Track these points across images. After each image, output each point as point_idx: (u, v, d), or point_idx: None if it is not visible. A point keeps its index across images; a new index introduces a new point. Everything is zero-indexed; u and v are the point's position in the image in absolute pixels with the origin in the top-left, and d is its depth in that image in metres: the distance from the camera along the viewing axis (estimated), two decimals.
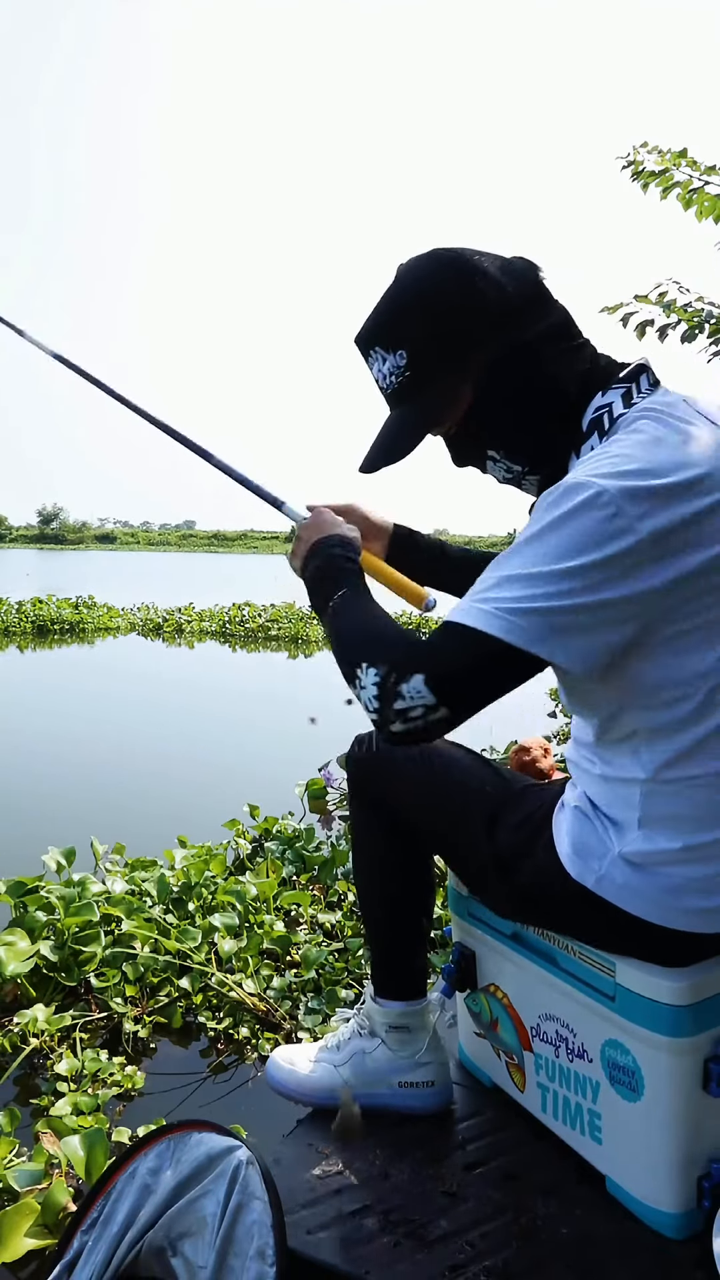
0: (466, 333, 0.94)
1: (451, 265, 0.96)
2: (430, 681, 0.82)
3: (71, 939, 2.23)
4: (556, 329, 0.96)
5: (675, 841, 0.91)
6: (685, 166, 2.69)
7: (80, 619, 12.38)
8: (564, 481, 0.84)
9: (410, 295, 0.97)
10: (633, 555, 0.80)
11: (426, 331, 0.96)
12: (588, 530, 0.80)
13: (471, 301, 0.94)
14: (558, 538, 0.81)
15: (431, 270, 0.97)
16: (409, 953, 1.26)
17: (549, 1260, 1.00)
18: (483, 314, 0.94)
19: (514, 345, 0.94)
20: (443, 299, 0.95)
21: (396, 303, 0.98)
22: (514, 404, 0.97)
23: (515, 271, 0.96)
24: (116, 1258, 1.01)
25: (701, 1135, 1.00)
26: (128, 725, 5.99)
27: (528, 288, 0.96)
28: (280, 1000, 2.17)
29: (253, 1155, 1.02)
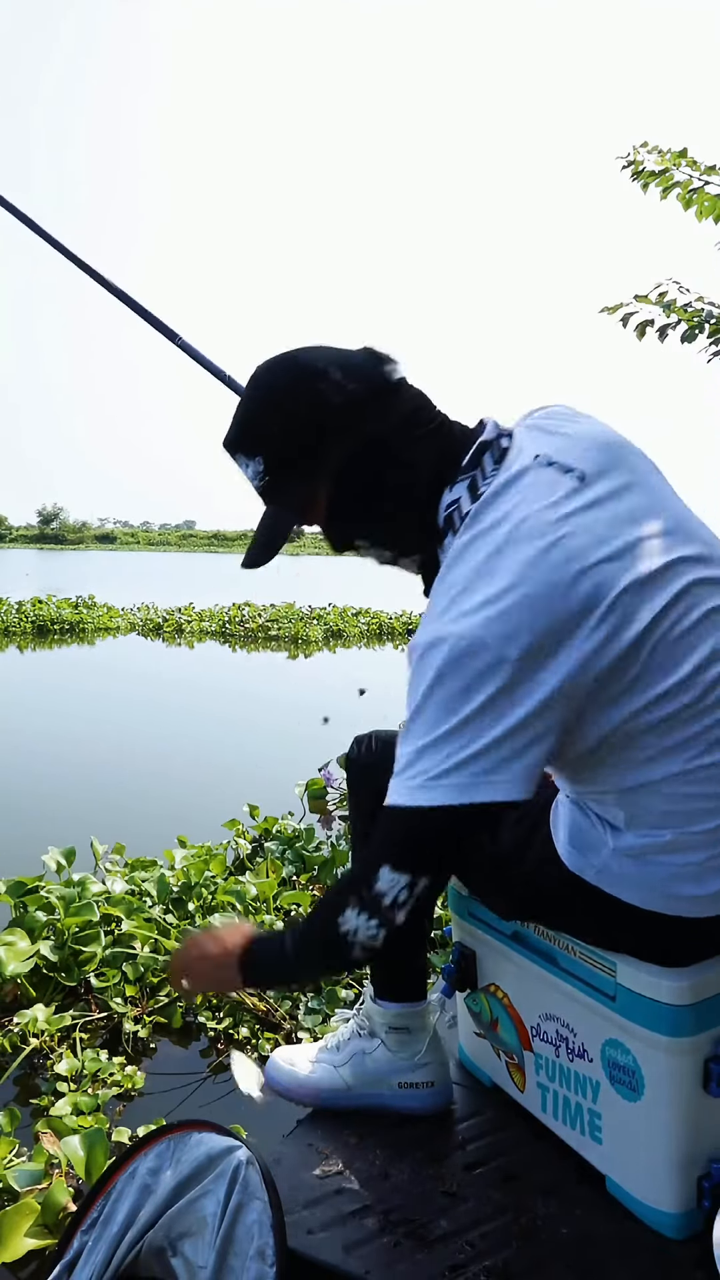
0: (314, 437, 0.98)
1: (293, 372, 0.99)
2: (394, 865, 0.89)
3: (71, 939, 2.23)
4: (406, 420, 0.99)
5: (665, 834, 0.91)
6: (685, 166, 2.69)
7: (80, 619, 12.38)
8: (423, 639, 0.87)
9: (258, 404, 1.01)
10: (513, 681, 0.83)
11: (276, 438, 1.00)
12: (462, 681, 0.84)
13: (315, 406, 0.97)
14: (441, 697, 0.85)
15: (276, 378, 1.00)
16: (408, 955, 1.26)
17: (549, 1260, 1.00)
18: (327, 417, 0.97)
19: (362, 444, 0.98)
20: (287, 406, 0.98)
21: (248, 411, 1.02)
22: (367, 500, 1.01)
23: (358, 369, 0.98)
24: (116, 1258, 1.01)
25: (701, 1135, 1.00)
26: (128, 725, 5.99)
27: (372, 383, 0.98)
28: (280, 1000, 2.17)
29: (253, 1155, 1.02)
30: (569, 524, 0.88)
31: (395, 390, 0.99)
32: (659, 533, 0.92)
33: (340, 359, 0.99)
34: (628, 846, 0.94)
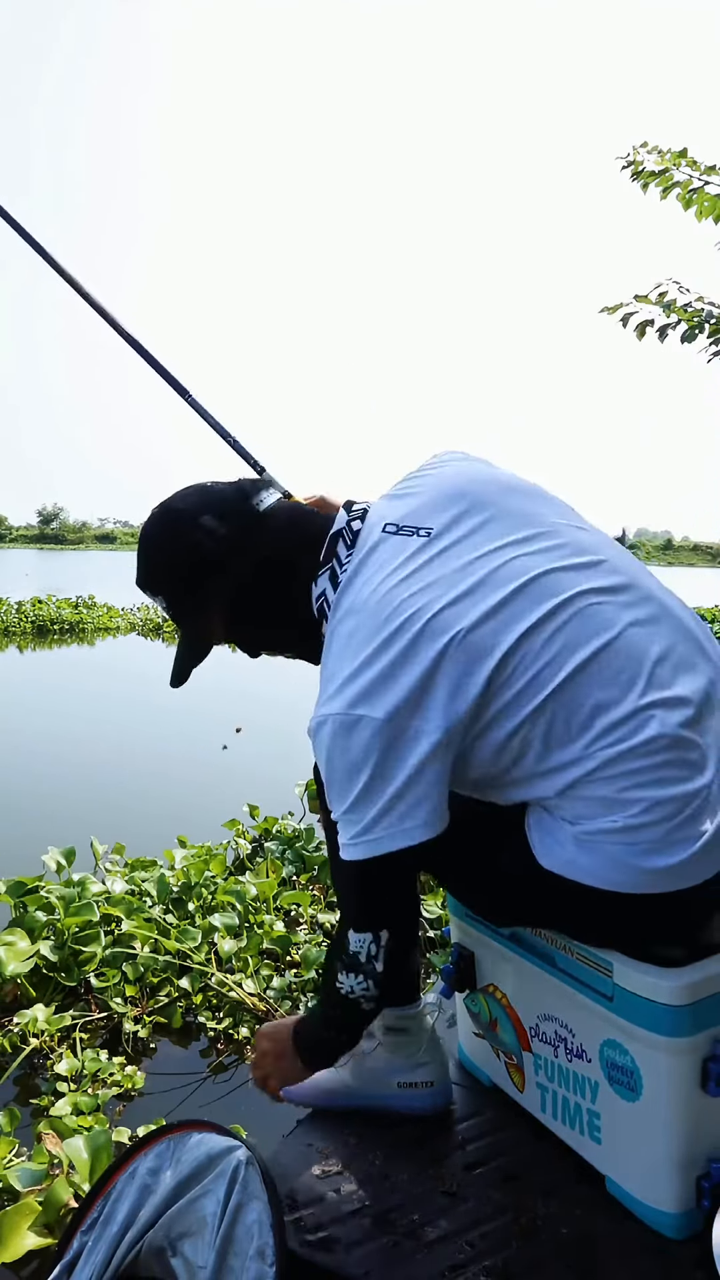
0: (195, 579, 1.09)
1: (169, 526, 1.10)
2: (355, 927, 1.00)
3: (71, 939, 2.23)
4: (276, 540, 1.09)
5: (617, 821, 0.94)
6: (685, 166, 2.69)
7: (80, 619, 12.38)
8: (312, 724, 0.97)
9: (146, 555, 1.12)
10: (392, 741, 0.92)
11: (165, 583, 1.11)
12: (346, 754, 0.94)
13: (191, 555, 1.07)
14: (339, 770, 0.95)
15: (155, 533, 1.11)
16: (400, 960, 1.25)
17: (549, 1260, 1.00)
18: (202, 562, 1.07)
19: (239, 575, 1.08)
20: (167, 558, 1.10)
21: (141, 560, 1.13)
22: (256, 618, 1.12)
23: (228, 510, 1.09)
24: (116, 1258, 1.01)
25: (700, 1135, 1.00)
26: (128, 725, 5.99)
27: (242, 519, 1.08)
28: (280, 1000, 2.17)
29: (252, 1155, 1.02)
30: (414, 582, 0.97)
31: (263, 517, 1.09)
32: (523, 554, 0.98)
33: (212, 502, 1.09)
34: (584, 834, 0.96)
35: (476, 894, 1.15)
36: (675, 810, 0.93)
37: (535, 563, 0.97)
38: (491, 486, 1.06)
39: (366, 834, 0.94)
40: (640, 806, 0.93)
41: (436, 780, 0.95)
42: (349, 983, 1.01)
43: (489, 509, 1.03)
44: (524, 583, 0.96)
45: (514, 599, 0.95)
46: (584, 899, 0.98)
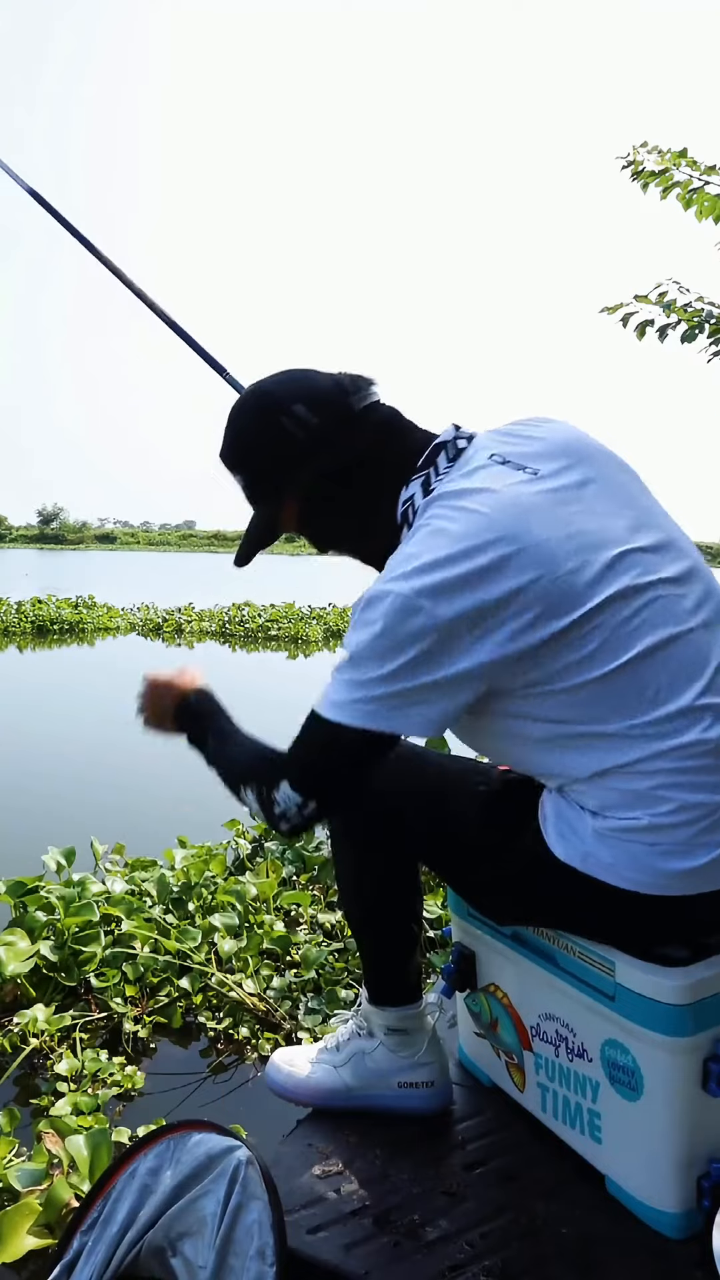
0: (276, 465, 1.07)
1: (261, 407, 1.08)
2: (294, 785, 0.99)
3: (71, 939, 2.23)
4: (369, 442, 1.06)
5: (642, 819, 0.94)
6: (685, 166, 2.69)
7: (80, 619, 12.38)
8: (366, 592, 0.95)
9: (232, 432, 1.11)
10: (439, 643, 0.90)
11: (247, 463, 1.11)
12: (391, 634, 0.91)
13: (277, 441, 1.06)
14: (374, 643, 0.92)
15: (244, 411, 1.10)
16: (401, 960, 1.25)
17: (549, 1260, 1.00)
18: (288, 448, 1.05)
19: (323, 470, 1.07)
20: (254, 439, 1.08)
21: (228, 435, 1.12)
22: (331, 514, 1.11)
23: (324, 401, 1.05)
24: (116, 1258, 1.01)
25: (701, 1135, 1.00)
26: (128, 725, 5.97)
27: (335, 415, 1.05)
28: (280, 1000, 2.17)
29: (252, 1155, 1.02)
30: (516, 507, 0.94)
31: (359, 417, 1.06)
32: (615, 526, 0.97)
33: (308, 392, 1.06)
34: (605, 827, 0.96)
35: (481, 889, 1.14)
36: (702, 815, 0.93)
37: (628, 537, 0.96)
38: (600, 455, 1.05)
39: (366, 704, 0.93)
40: (670, 806, 0.92)
41: (457, 696, 0.93)
42: (251, 802, 1.04)
43: (595, 473, 1.01)
44: (620, 553, 0.94)
45: (609, 562, 0.93)
46: (596, 895, 0.98)
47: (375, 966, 1.26)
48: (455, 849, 1.13)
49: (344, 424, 1.05)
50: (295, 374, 1.09)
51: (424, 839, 1.17)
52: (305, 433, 1.05)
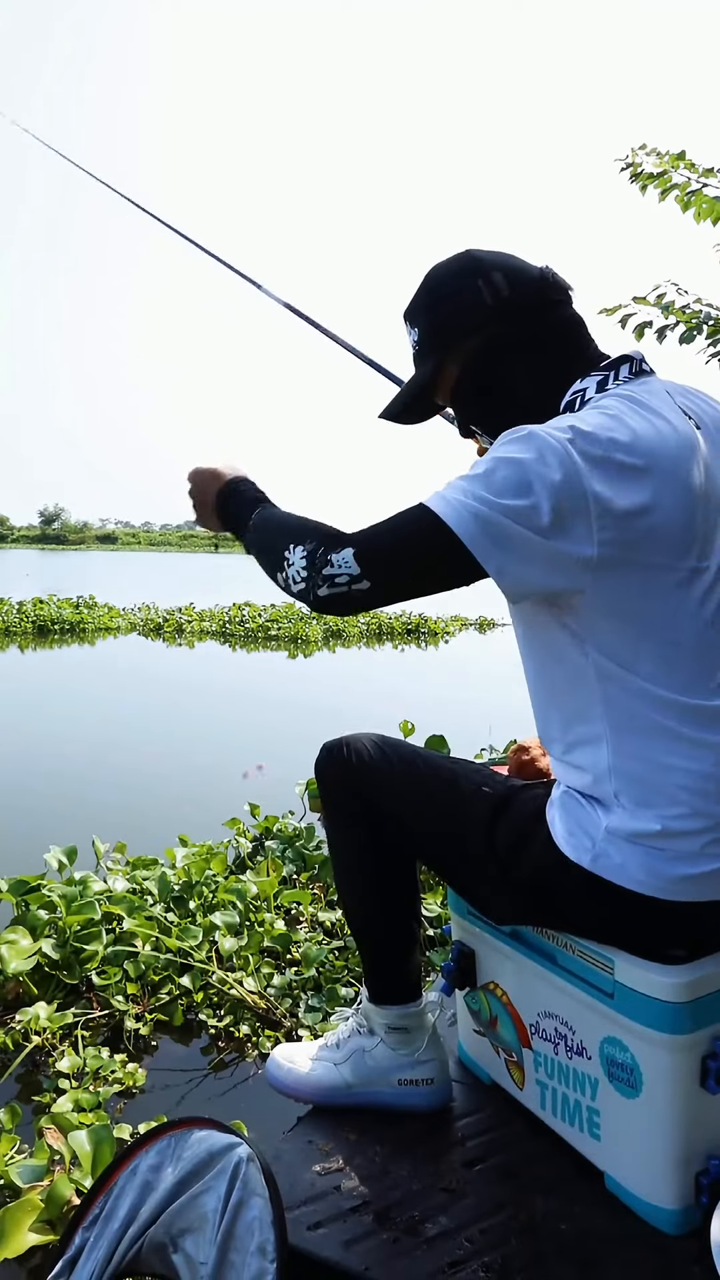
0: (455, 319, 1.07)
1: (462, 265, 1.08)
2: (359, 555, 0.93)
3: (73, 937, 2.24)
4: (550, 334, 1.05)
5: (655, 823, 0.94)
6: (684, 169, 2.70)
7: (81, 619, 12.39)
8: (525, 427, 0.92)
9: (425, 283, 1.11)
10: (565, 508, 0.87)
11: (429, 312, 1.10)
12: (529, 471, 0.88)
13: (466, 298, 1.06)
14: (505, 470, 0.89)
15: (446, 266, 1.10)
16: (400, 959, 1.26)
17: (548, 1256, 1.01)
18: (474, 311, 1.05)
19: (497, 345, 1.06)
20: (443, 292, 1.08)
21: (420, 287, 1.12)
22: (487, 393, 1.09)
23: (522, 280, 1.05)
24: (118, 1254, 1.02)
25: (699, 1132, 1.00)
26: (129, 724, 5.99)
27: (530, 294, 1.05)
28: (281, 998, 2.18)
29: (253, 1152, 1.02)
30: (681, 446, 0.93)
31: (547, 308, 1.05)
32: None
33: (511, 267, 1.06)
34: (618, 827, 0.96)
35: (485, 890, 1.14)
36: (714, 825, 0.93)
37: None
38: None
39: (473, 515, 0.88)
40: (684, 810, 0.93)
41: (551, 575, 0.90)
42: (295, 562, 0.97)
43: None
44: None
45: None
46: (604, 896, 0.98)
47: (375, 965, 1.26)
48: (459, 851, 1.13)
49: (533, 306, 1.04)
50: (506, 253, 1.09)
51: (426, 840, 1.18)
52: (495, 299, 1.04)
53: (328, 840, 1.28)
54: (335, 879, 1.31)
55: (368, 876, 1.23)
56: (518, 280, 1.05)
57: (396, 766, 1.19)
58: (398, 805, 1.18)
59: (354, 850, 1.23)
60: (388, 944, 1.25)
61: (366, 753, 1.21)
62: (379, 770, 1.19)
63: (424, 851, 1.20)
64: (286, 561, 0.99)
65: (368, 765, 1.20)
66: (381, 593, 0.94)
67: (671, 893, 0.95)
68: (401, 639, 12.40)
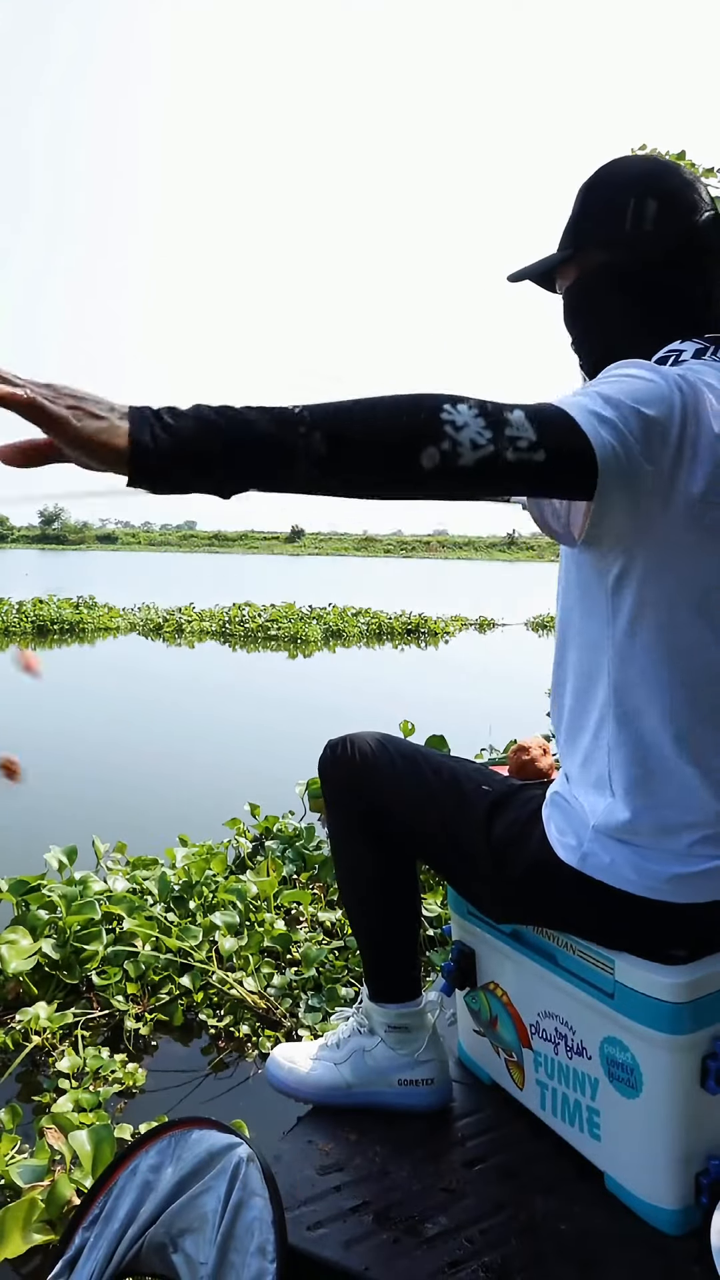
0: (594, 229, 1.02)
1: (637, 174, 1.01)
2: (530, 418, 0.77)
3: (73, 937, 2.24)
4: (669, 286, 1.00)
5: (644, 818, 0.94)
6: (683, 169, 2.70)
7: (80, 619, 12.39)
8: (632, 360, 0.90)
9: (600, 172, 1.05)
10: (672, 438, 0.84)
11: (581, 205, 1.04)
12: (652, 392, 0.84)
13: (613, 210, 1.00)
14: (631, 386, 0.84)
15: (627, 167, 1.03)
16: (402, 956, 1.26)
17: (547, 1256, 1.01)
18: (612, 226, 1.00)
19: (615, 270, 1.01)
20: (602, 190, 1.03)
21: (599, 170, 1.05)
22: (584, 311, 1.06)
23: (674, 220, 0.98)
24: (118, 1254, 1.02)
25: (699, 1132, 1.00)
26: (129, 724, 6.00)
27: (668, 239, 0.98)
28: (281, 998, 2.18)
29: (253, 1152, 1.02)
30: None
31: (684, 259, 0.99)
32: None
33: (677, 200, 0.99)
34: (604, 824, 0.96)
35: (483, 889, 1.14)
36: (700, 823, 0.94)
37: None
38: None
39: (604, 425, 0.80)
40: (672, 807, 0.93)
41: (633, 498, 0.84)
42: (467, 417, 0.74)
43: None
44: None
45: None
46: (595, 896, 0.98)
47: (375, 963, 1.27)
48: (458, 849, 1.14)
49: (668, 251, 0.98)
50: (695, 182, 1.01)
51: (427, 838, 1.18)
52: (634, 226, 0.99)
53: (330, 837, 1.29)
54: (337, 876, 1.31)
55: (369, 873, 1.24)
56: (669, 217, 0.98)
57: (399, 765, 1.19)
58: (400, 803, 1.19)
59: (356, 847, 1.24)
60: (388, 941, 1.26)
61: (369, 751, 1.22)
62: (382, 768, 1.20)
63: (425, 850, 1.20)
64: (450, 424, 0.73)
65: (370, 763, 1.20)
66: (550, 470, 0.78)
67: (663, 893, 0.95)
68: (401, 639, 12.39)
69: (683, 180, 1.00)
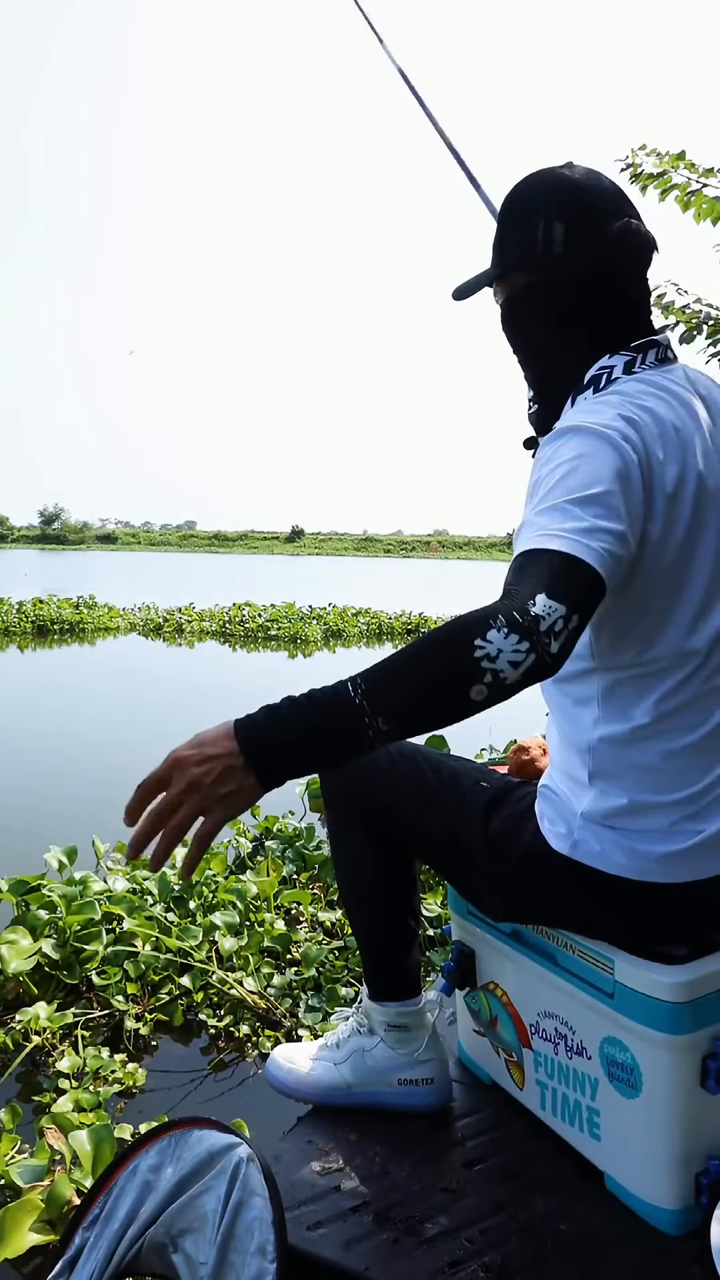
0: (512, 251, 1.05)
1: (542, 193, 1.03)
2: (551, 595, 0.78)
3: (73, 937, 2.24)
4: (586, 305, 1.02)
5: (623, 798, 0.97)
6: (683, 169, 2.70)
7: (80, 619, 12.38)
8: (563, 426, 0.92)
9: (513, 191, 1.07)
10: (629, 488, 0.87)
11: (500, 227, 1.07)
12: (586, 468, 0.87)
13: (525, 233, 1.02)
14: (563, 474, 0.87)
15: (533, 185, 1.05)
16: (400, 955, 1.27)
17: (547, 1256, 1.01)
18: (527, 249, 1.02)
19: (536, 293, 1.03)
20: (514, 210, 1.05)
21: (514, 188, 1.07)
22: (519, 330, 1.08)
23: (584, 241, 1.00)
24: (118, 1254, 1.02)
25: (699, 1132, 1.01)
26: (129, 724, 5.99)
27: (581, 262, 1.00)
28: (281, 998, 2.18)
29: (253, 1152, 1.02)
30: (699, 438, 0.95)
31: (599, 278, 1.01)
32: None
33: (584, 219, 1.00)
34: (590, 810, 0.99)
35: (481, 886, 1.15)
36: (684, 801, 0.96)
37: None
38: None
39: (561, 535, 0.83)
40: (651, 785, 0.96)
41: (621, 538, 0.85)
42: (501, 644, 0.75)
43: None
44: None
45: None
46: (588, 884, 1.00)
47: (374, 962, 1.27)
48: (456, 846, 1.14)
49: (583, 274, 1.00)
50: (609, 192, 1.02)
51: (426, 837, 1.18)
52: (545, 249, 1.01)
53: (329, 837, 1.29)
54: (336, 876, 1.31)
55: (369, 873, 1.24)
56: (578, 239, 1.00)
57: (399, 764, 1.20)
58: (399, 803, 1.19)
59: (356, 847, 1.24)
60: (388, 941, 1.26)
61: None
62: (380, 768, 1.20)
63: (424, 849, 1.21)
64: (485, 658, 0.75)
65: (370, 763, 1.21)
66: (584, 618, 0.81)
67: (653, 874, 0.97)
68: (401, 639, 12.39)
69: (590, 197, 1.01)
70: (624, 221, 1.00)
